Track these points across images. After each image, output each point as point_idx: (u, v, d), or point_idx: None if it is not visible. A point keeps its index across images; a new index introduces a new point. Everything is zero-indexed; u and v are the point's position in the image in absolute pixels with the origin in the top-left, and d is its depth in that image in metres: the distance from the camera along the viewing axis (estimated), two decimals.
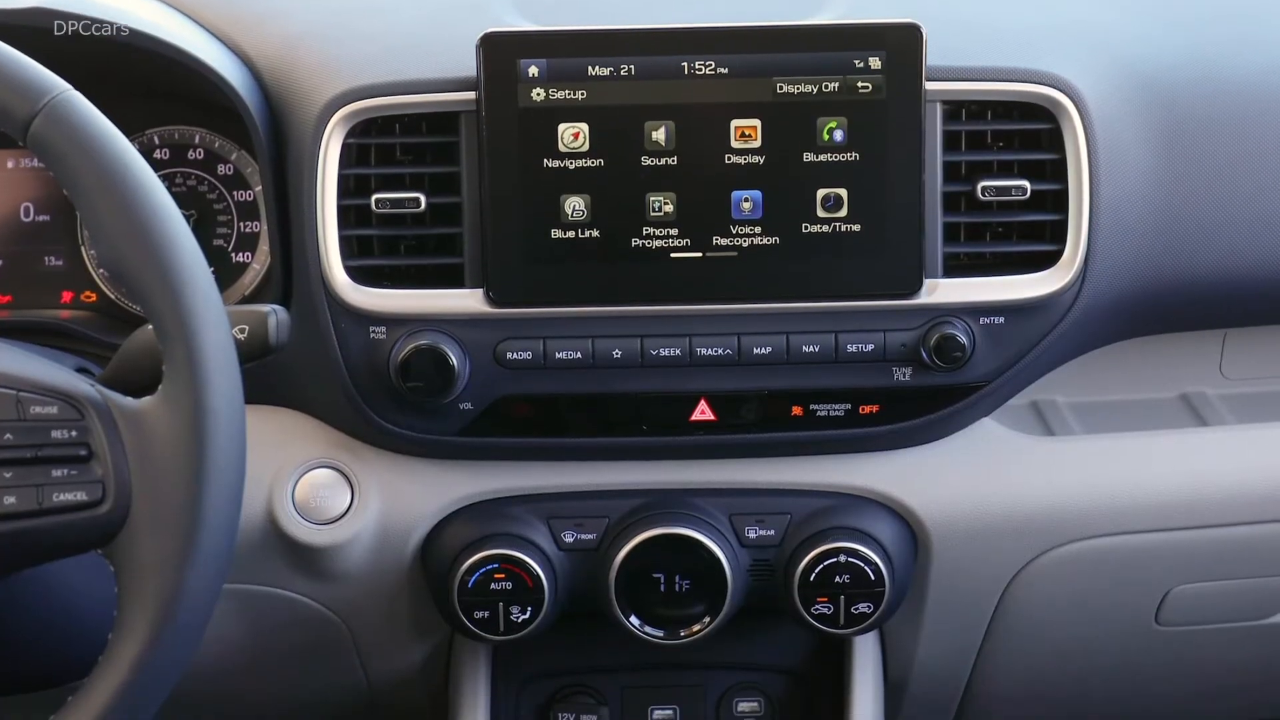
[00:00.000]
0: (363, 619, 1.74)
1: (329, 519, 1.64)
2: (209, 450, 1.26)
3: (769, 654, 1.84)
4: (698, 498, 1.66)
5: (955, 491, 1.66)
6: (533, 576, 1.63)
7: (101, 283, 1.74)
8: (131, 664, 1.26)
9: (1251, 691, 2.02)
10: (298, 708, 1.98)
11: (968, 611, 1.76)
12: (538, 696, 1.83)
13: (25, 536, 1.28)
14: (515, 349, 1.57)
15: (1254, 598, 1.80)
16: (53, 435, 1.28)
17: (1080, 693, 1.97)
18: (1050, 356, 1.63)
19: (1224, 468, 1.69)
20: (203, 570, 1.27)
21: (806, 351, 1.57)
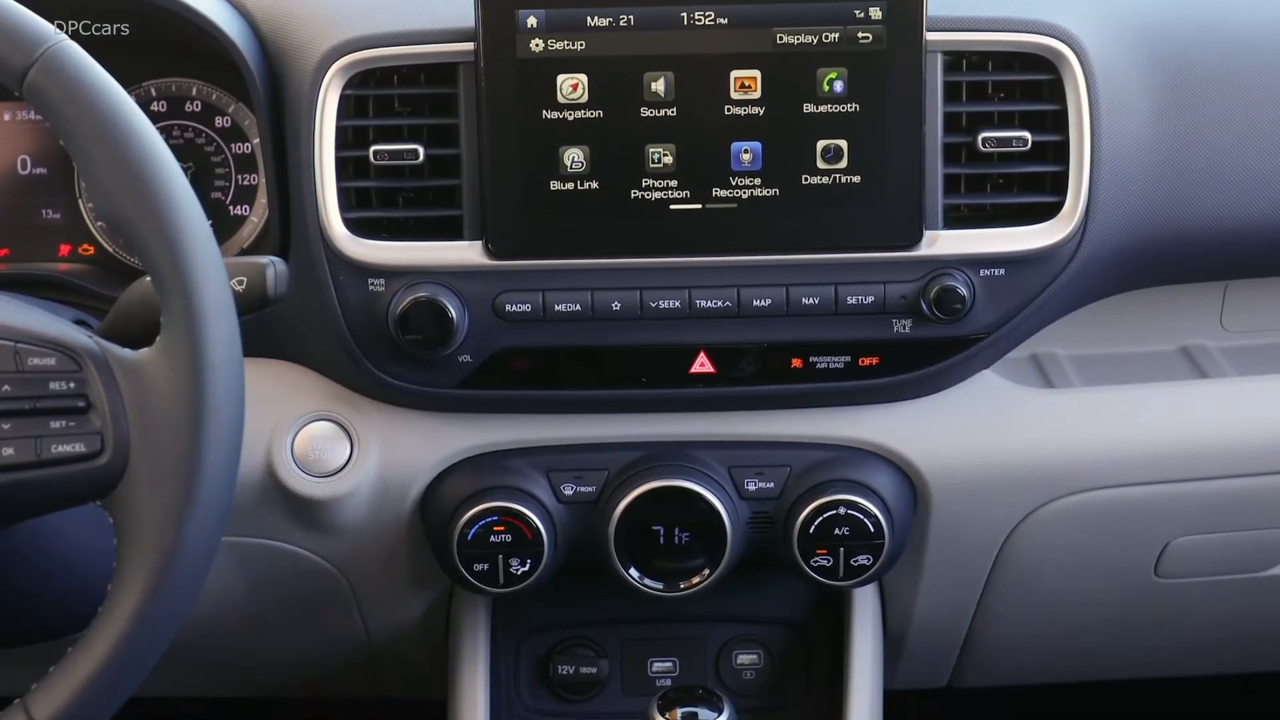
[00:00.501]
0: (362, 572, 1.75)
1: (328, 472, 1.64)
2: (207, 401, 1.26)
3: (768, 606, 1.84)
4: (697, 450, 1.66)
5: (955, 444, 1.66)
6: (532, 529, 1.63)
7: (99, 235, 1.73)
8: (131, 615, 1.26)
9: (1250, 644, 2.02)
10: (298, 661, 1.99)
11: (967, 564, 1.76)
12: (538, 649, 1.84)
13: (24, 488, 1.28)
14: (514, 301, 1.56)
15: (1253, 550, 1.80)
16: (51, 387, 1.27)
17: (1079, 645, 1.97)
18: (1050, 308, 1.62)
19: (1224, 420, 1.69)
20: (202, 521, 1.27)
21: (806, 304, 1.57)
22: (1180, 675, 2.16)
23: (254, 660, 1.99)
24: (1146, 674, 2.15)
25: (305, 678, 2.07)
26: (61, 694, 1.28)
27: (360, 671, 2.00)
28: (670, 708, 1.48)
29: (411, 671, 1.97)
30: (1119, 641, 1.98)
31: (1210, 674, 2.17)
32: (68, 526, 1.51)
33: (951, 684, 2.06)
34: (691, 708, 1.48)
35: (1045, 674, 2.13)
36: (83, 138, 1.27)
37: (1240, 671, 2.16)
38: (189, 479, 1.26)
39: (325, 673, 2.04)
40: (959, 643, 1.91)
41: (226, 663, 2.00)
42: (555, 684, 1.83)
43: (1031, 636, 1.93)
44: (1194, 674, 2.16)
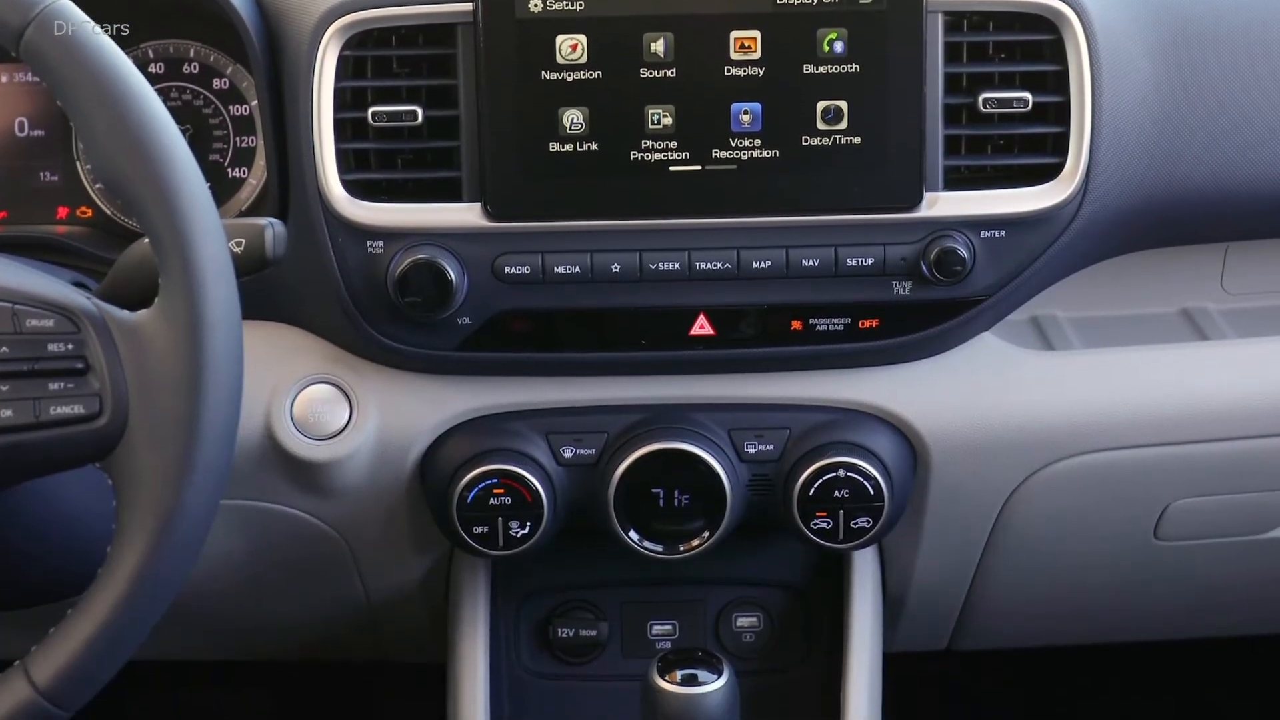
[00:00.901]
0: (362, 535, 1.75)
1: (327, 434, 1.63)
2: (206, 362, 1.26)
3: (768, 569, 1.84)
4: (697, 413, 1.66)
5: (954, 406, 1.66)
6: (532, 492, 1.63)
7: (97, 198, 1.73)
8: (130, 576, 1.26)
9: (1250, 606, 2.02)
10: (298, 624, 1.99)
11: (966, 526, 1.76)
12: (537, 612, 1.84)
13: (22, 450, 1.27)
14: (513, 263, 1.56)
15: (1253, 512, 1.80)
16: (49, 348, 1.27)
17: (1078, 607, 1.97)
18: (1051, 270, 1.62)
19: (1224, 382, 1.69)
20: (201, 482, 1.27)
21: (806, 265, 1.56)
22: (1179, 638, 2.17)
23: (254, 623, 1.99)
24: (1146, 637, 2.15)
25: (305, 641, 2.07)
26: (61, 655, 1.28)
27: (360, 634, 2.00)
28: (670, 670, 1.48)
29: (411, 634, 1.98)
30: (1119, 604, 1.98)
31: (1209, 636, 2.17)
32: (67, 489, 1.51)
33: (951, 647, 2.06)
34: (691, 670, 1.48)
35: (1044, 637, 2.13)
36: (80, 98, 1.27)
37: (1240, 634, 2.17)
38: (188, 440, 1.26)
39: (325, 636, 2.04)
40: (958, 605, 1.91)
41: (226, 626, 2.00)
42: (555, 646, 1.83)
43: (1031, 599, 1.93)
44: (1193, 636, 2.17)
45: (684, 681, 1.47)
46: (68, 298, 1.30)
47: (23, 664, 1.29)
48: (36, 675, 1.28)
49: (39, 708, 1.28)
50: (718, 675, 1.47)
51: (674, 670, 1.48)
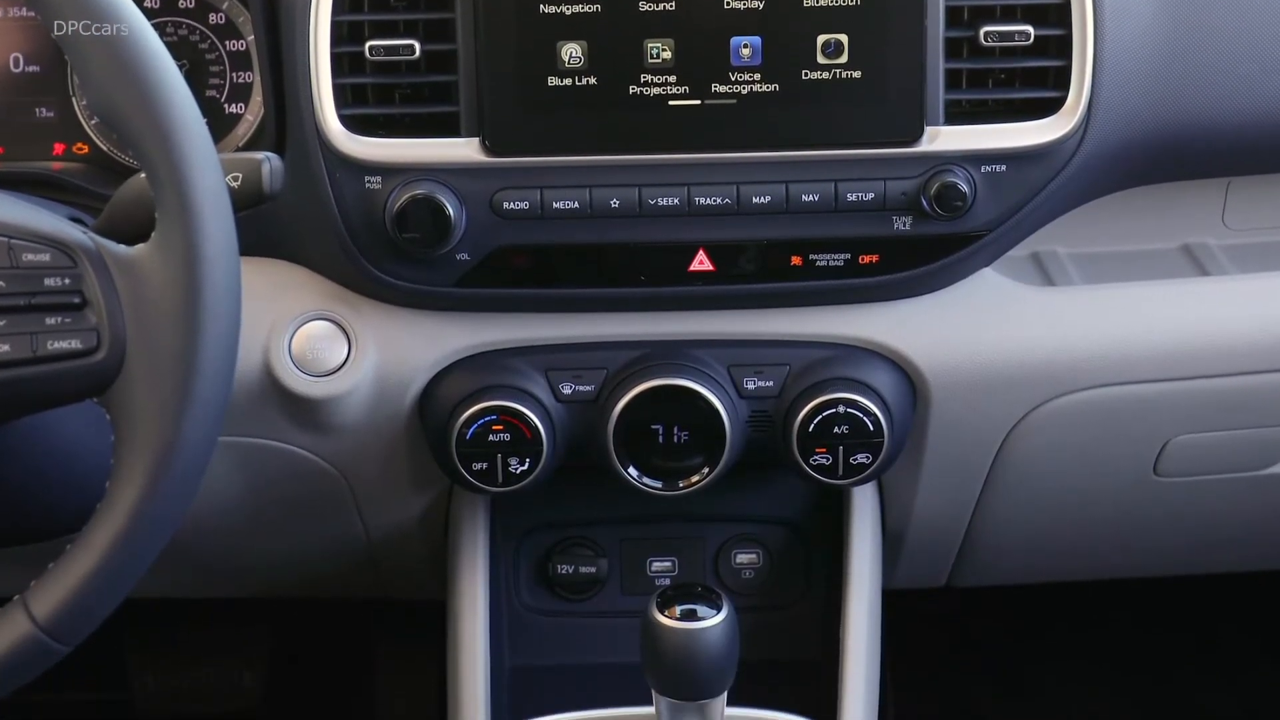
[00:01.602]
0: (361, 472, 1.75)
1: (326, 371, 1.63)
2: (203, 295, 1.25)
3: (767, 506, 1.84)
4: (696, 349, 1.65)
5: (954, 342, 1.65)
6: (531, 428, 1.63)
7: (93, 134, 1.72)
8: (130, 511, 1.26)
9: (1249, 542, 2.03)
10: (298, 562, 2.00)
11: (966, 462, 1.76)
12: (537, 548, 1.84)
13: (20, 385, 1.27)
14: (512, 199, 1.55)
15: (1253, 448, 1.80)
16: (46, 283, 1.27)
17: (1078, 543, 1.98)
18: (1052, 205, 1.61)
19: (1225, 317, 1.68)
20: (199, 416, 1.26)
21: (806, 200, 1.56)
22: (1179, 574, 2.17)
23: (253, 560, 1.99)
24: (1145, 573, 2.16)
25: (305, 578, 2.08)
26: (61, 590, 1.28)
27: (360, 572, 2.00)
28: (669, 605, 1.48)
29: (411, 571, 1.98)
30: (1118, 540, 1.98)
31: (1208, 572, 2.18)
32: (65, 425, 1.51)
33: (950, 583, 2.06)
34: (690, 605, 1.48)
35: (1044, 573, 2.14)
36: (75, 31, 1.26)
37: (1238, 570, 2.17)
38: (186, 373, 1.25)
39: (325, 573, 2.05)
40: (958, 542, 1.92)
41: (226, 563, 2.00)
42: (554, 583, 1.84)
43: (1030, 535, 1.93)
44: (1192, 572, 2.17)
45: (683, 617, 1.46)
46: (64, 232, 1.29)
47: (22, 599, 1.29)
48: (36, 610, 1.28)
49: (39, 642, 1.28)
50: (717, 611, 1.47)
51: (673, 606, 1.47)
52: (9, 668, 1.29)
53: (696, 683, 1.48)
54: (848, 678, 1.71)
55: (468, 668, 1.72)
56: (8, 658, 1.28)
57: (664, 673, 1.48)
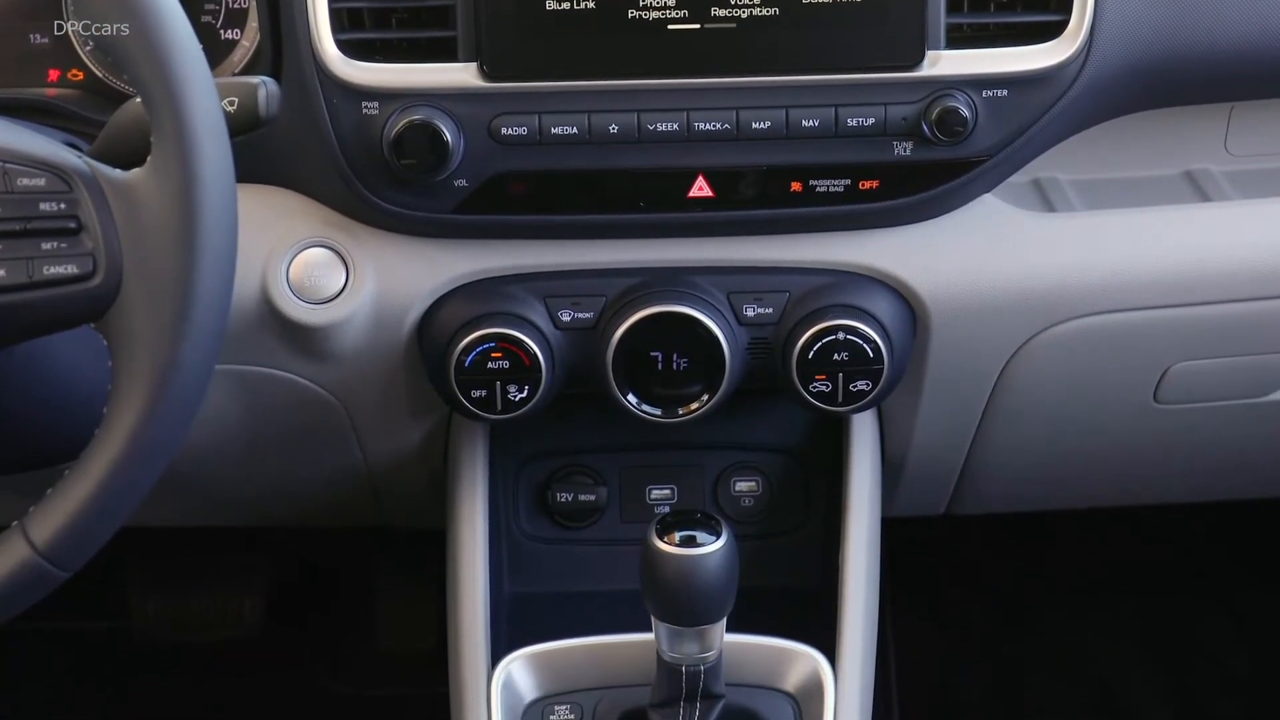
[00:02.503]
0: (360, 400, 1.74)
1: (324, 298, 1.62)
2: (200, 219, 1.25)
3: (767, 434, 1.84)
4: (696, 276, 1.65)
5: (955, 268, 1.65)
6: (530, 355, 1.62)
7: (88, 60, 1.70)
8: (128, 435, 1.26)
9: (1248, 470, 2.03)
10: (298, 491, 2.00)
11: (966, 389, 1.76)
12: (536, 476, 1.84)
13: (16, 310, 1.27)
14: (510, 124, 1.54)
15: (1253, 374, 1.79)
16: (41, 208, 1.26)
17: (1077, 471, 1.98)
18: (1053, 131, 1.60)
19: (1226, 243, 1.68)
20: (197, 340, 1.26)
21: (806, 126, 1.55)
22: (1178, 501, 2.17)
23: (253, 489, 1.99)
24: (1144, 500, 2.16)
25: (305, 507, 2.08)
26: (59, 515, 1.28)
27: (360, 501, 2.00)
28: (668, 531, 1.48)
29: (410, 500, 1.98)
30: (1117, 468, 1.98)
31: (1206, 500, 2.18)
32: (62, 351, 1.51)
33: (949, 511, 2.07)
34: (690, 531, 1.48)
35: (1043, 501, 2.14)
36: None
37: (1236, 498, 2.18)
38: (183, 298, 1.25)
39: (325, 502, 2.05)
40: (957, 470, 1.92)
41: (226, 492, 2.00)
42: (554, 511, 1.84)
43: (1030, 463, 1.93)
44: (1191, 500, 2.17)
45: (683, 543, 1.47)
46: (60, 156, 1.28)
47: (21, 524, 1.29)
48: (35, 535, 1.28)
49: (38, 567, 1.28)
50: (716, 537, 1.47)
51: (673, 532, 1.48)
52: (9, 593, 1.29)
53: (696, 608, 1.49)
54: (847, 604, 1.71)
55: (467, 595, 1.72)
56: (7, 583, 1.28)
57: (663, 599, 1.49)
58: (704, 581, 1.47)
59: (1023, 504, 2.14)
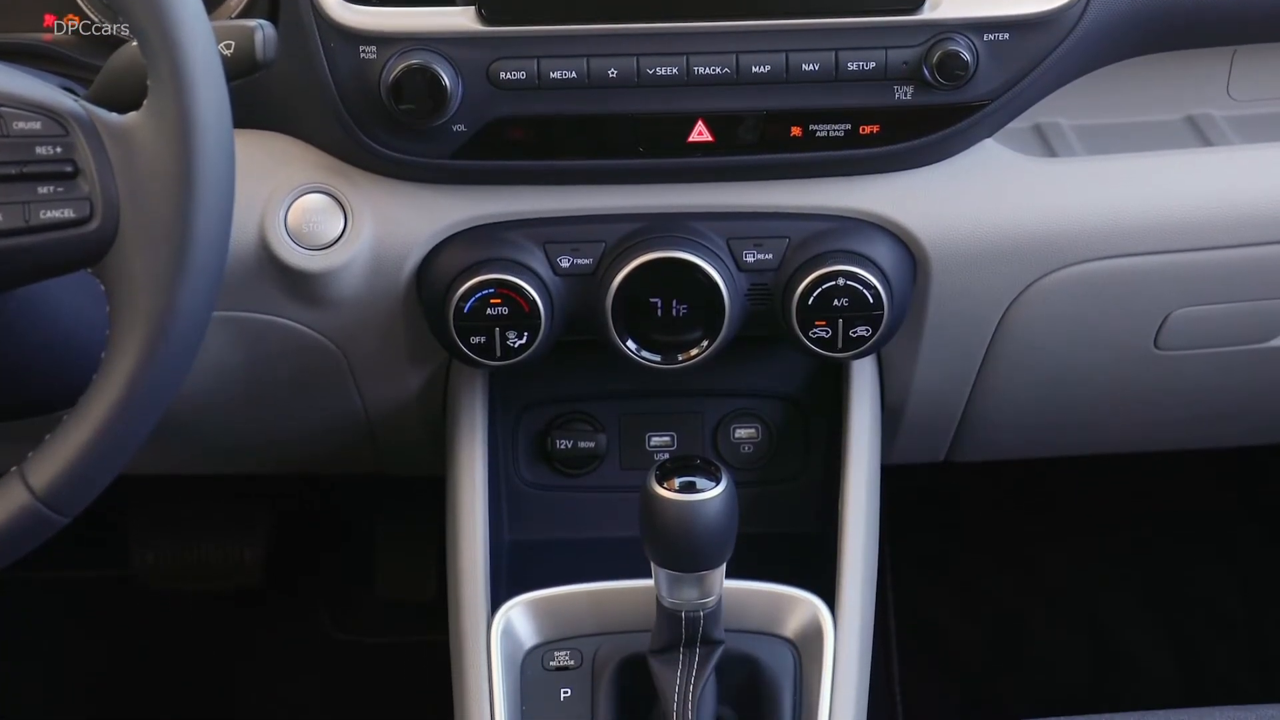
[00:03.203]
0: (358, 346, 1.74)
1: (322, 245, 1.62)
2: (197, 163, 1.24)
3: (767, 381, 1.84)
4: (695, 221, 1.64)
5: (955, 214, 1.64)
6: (529, 301, 1.62)
7: (84, 4, 1.69)
8: (126, 379, 1.26)
9: (1248, 416, 2.03)
10: (297, 438, 2.00)
11: (966, 336, 1.76)
12: (536, 423, 1.84)
13: (13, 255, 1.26)
14: (508, 69, 1.53)
15: (1254, 320, 1.79)
16: (37, 151, 1.25)
17: (1077, 418, 1.98)
18: (1055, 74, 1.59)
19: (1228, 188, 1.67)
20: (194, 284, 1.25)
21: (806, 70, 1.54)
22: (1177, 448, 2.17)
23: (253, 437, 1.99)
24: (1144, 447, 2.16)
25: (305, 455, 2.08)
26: (58, 460, 1.27)
27: (360, 449, 2.00)
28: (668, 477, 1.48)
29: (410, 448, 1.98)
30: (1117, 415, 1.98)
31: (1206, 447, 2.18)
32: (60, 297, 1.50)
33: (949, 459, 2.07)
34: (689, 477, 1.48)
35: (1043, 448, 2.14)
36: None
37: (1237, 444, 2.18)
38: (180, 241, 1.24)
39: (325, 450, 2.05)
40: (957, 416, 1.92)
41: (226, 440, 2.00)
42: (553, 458, 1.83)
43: (1030, 410, 1.93)
44: (1191, 446, 2.17)
45: (682, 489, 1.47)
46: (55, 100, 1.28)
47: (19, 469, 1.29)
48: (34, 480, 1.28)
49: (37, 512, 1.28)
50: (716, 483, 1.47)
51: (672, 478, 1.47)
52: (8, 538, 1.28)
53: (695, 554, 1.49)
54: (846, 551, 1.71)
55: (467, 542, 1.72)
56: (5, 528, 1.28)
57: (663, 544, 1.49)
58: (704, 527, 1.47)
59: (1022, 451, 2.14)
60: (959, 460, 2.07)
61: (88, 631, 2.64)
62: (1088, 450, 2.18)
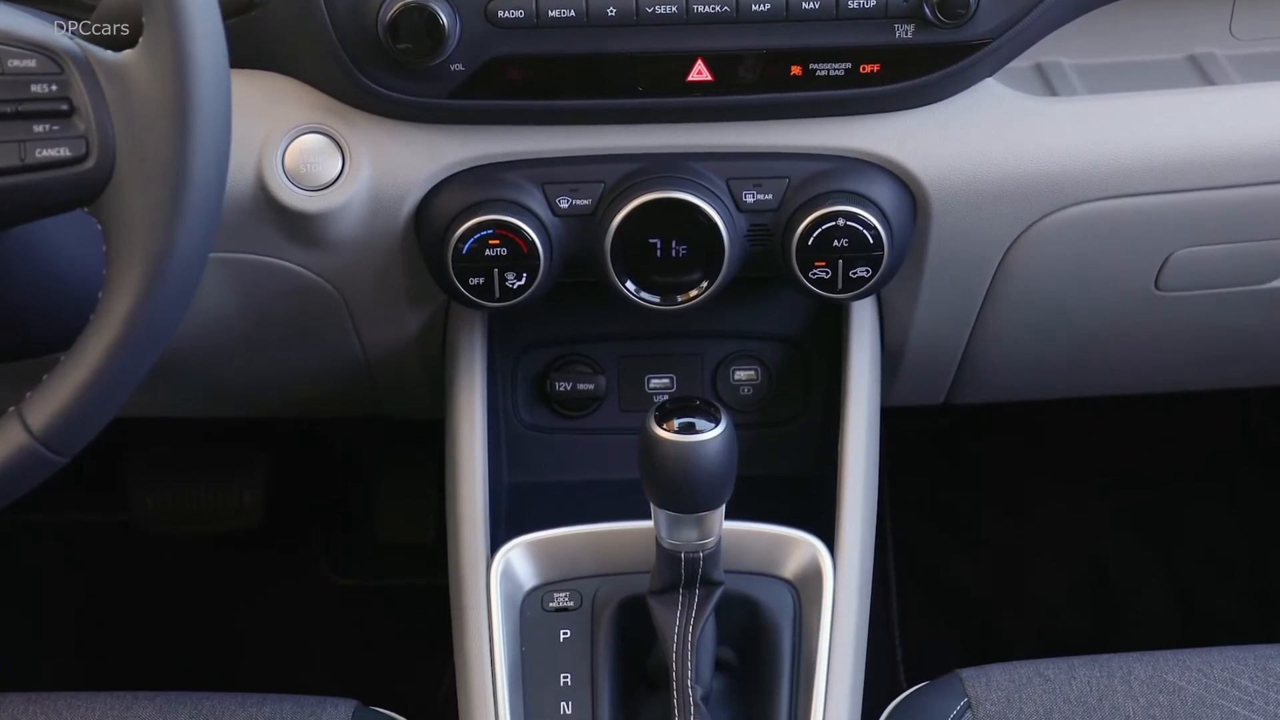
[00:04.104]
0: (357, 289, 1.73)
1: (320, 185, 1.61)
2: (193, 100, 1.23)
3: (766, 323, 1.84)
4: (695, 162, 1.63)
5: (956, 153, 1.63)
6: (528, 242, 1.61)
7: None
8: (124, 319, 1.25)
9: (1249, 358, 2.02)
10: (296, 381, 1.99)
11: (966, 277, 1.75)
12: (535, 365, 1.83)
13: (9, 194, 1.26)
14: (506, 7, 1.52)
15: (1256, 261, 1.78)
16: (32, 89, 1.25)
17: (1077, 359, 1.97)
18: (1056, 13, 1.58)
19: (1230, 128, 1.66)
20: (191, 222, 1.25)
21: (806, 8, 1.52)
22: (1178, 390, 2.17)
23: (252, 380, 1.99)
24: (1143, 389, 2.16)
25: (305, 398, 2.08)
26: (56, 400, 1.27)
27: (359, 392, 2.00)
28: (667, 418, 1.47)
29: (409, 391, 1.98)
30: (1117, 356, 1.98)
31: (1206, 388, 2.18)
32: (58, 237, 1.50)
33: (949, 401, 2.07)
34: (689, 418, 1.47)
35: (1042, 390, 2.14)
36: None
37: (1236, 386, 2.17)
38: (177, 180, 1.24)
39: (324, 393, 2.05)
40: (957, 358, 1.91)
41: (225, 382, 2.00)
42: (552, 400, 1.83)
43: (1029, 351, 1.92)
44: (1191, 388, 2.17)
45: (682, 430, 1.46)
46: (50, 38, 1.27)
47: (17, 409, 1.29)
48: (31, 420, 1.28)
49: (35, 452, 1.28)
50: (715, 423, 1.46)
51: (671, 419, 1.47)
52: (6, 478, 1.28)
53: (695, 495, 1.48)
54: (846, 492, 1.71)
55: (466, 485, 1.72)
56: (4, 468, 1.28)
57: (662, 485, 1.48)
58: (703, 468, 1.46)
59: (1022, 393, 2.13)
60: (959, 402, 2.07)
61: (87, 577, 2.64)
62: (1088, 392, 2.18)
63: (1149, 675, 1.63)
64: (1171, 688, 1.62)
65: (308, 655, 2.56)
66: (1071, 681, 1.63)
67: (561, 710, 1.61)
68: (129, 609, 2.61)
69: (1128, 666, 1.64)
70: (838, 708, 1.60)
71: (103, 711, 1.61)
